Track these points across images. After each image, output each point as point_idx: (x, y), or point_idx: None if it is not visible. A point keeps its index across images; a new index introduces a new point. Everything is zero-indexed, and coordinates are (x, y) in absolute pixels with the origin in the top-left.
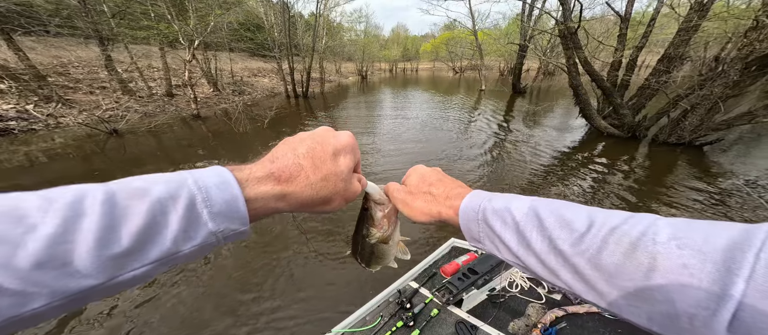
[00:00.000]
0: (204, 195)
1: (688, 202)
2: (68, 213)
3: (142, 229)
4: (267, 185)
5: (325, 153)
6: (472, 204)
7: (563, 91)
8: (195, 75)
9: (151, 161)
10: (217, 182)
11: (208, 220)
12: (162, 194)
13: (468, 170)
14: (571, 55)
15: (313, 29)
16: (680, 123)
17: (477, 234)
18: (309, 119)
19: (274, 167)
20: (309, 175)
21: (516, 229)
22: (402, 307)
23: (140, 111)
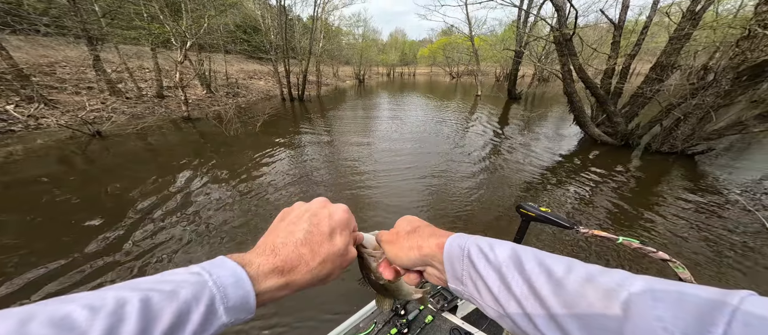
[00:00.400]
0: (222, 294)
1: (679, 212)
2: (112, 319)
3: (169, 327)
4: (272, 279)
5: (321, 235)
6: (458, 241)
7: (557, 97)
8: (187, 76)
9: (134, 166)
10: (232, 282)
11: (223, 314)
12: (188, 296)
13: (461, 178)
14: (566, 61)
15: (310, 32)
16: (672, 132)
17: (460, 274)
18: (304, 123)
19: (277, 260)
20: (308, 262)
21: (498, 271)
22: (396, 314)
23: (128, 112)
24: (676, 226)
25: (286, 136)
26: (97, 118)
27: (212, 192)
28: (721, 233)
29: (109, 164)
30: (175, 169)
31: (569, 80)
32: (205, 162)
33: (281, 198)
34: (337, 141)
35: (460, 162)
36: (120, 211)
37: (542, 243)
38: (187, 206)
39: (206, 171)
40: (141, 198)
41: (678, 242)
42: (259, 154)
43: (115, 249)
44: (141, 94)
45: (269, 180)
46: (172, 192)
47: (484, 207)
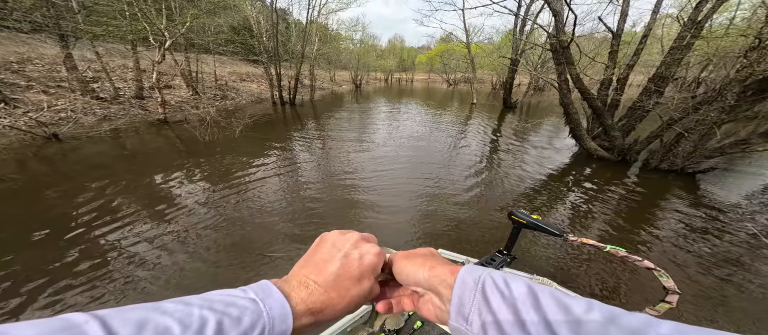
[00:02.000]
0: (270, 327)
1: (678, 234)
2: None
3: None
4: (306, 318)
5: (350, 280)
6: (472, 272)
7: (552, 108)
8: (166, 77)
9: (78, 175)
10: (280, 314)
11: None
12: (247, 325)
13: (453, 193)
14: (563, 70)
15: (303, 34)
16: (673, 148)
17: (468, 308)
18: (291, 129)
19: (309, 302)
20: (335, 306)
21: (513, 306)
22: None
23: (99, 113)
24: (675, 248)
25: (268, 142)
26: (63, 119)
27: (154, 213)
28: (722, 257)
29: (51, 170)
30: (120, 181)
31: (566, 90)
32: (165, 172)
33: (245, 223)
34: (325, 149)
35: (451, 179)
36: (40, 225)
37: (532, 253)
38: (115, 228)
39: (160, 184)
40: (67, 212)
41: (676, 265)
42: (233, 163)
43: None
44: (117, 94)
45: (237, 195)
46: (104, 207)
47: (474, 219)
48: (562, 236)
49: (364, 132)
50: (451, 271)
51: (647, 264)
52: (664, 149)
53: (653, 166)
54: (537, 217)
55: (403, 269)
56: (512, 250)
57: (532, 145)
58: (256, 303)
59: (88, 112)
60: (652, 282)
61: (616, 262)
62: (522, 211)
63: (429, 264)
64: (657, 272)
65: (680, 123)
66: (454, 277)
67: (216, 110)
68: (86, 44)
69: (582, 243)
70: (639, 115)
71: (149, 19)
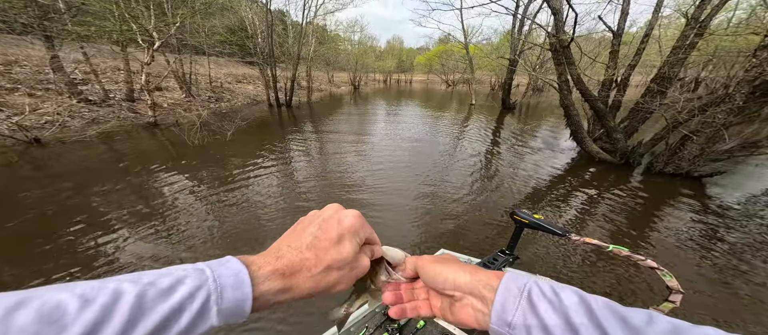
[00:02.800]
0: (218, 295)
1: (685, 240)
2: (100, 314)
3: (157, 325)
4: (272, 282)
5: (328, 241)
6: (517, 280)
7: (551, 109)
8: (158, 79)
9: (55, 181)
10: (232, 282)
11: (214, 316)
12: (184, 295)
13: (452, 197)
14: (563, 71)
15: (299, 35)
16: (678, 151)
17: (511, 314)
18: (291, 131)
19: (279, 264)
20: (311, 268)
21: (565, 316)
22: (388, 318)
23: (88, 116)
24: (681, 252)
25: (261, 145)
26: (49, 123)
27: (129, 221)
28: (732, 266)
29: (29, 175)
30: (98, 187)
31: (566, 91)
32: (148, 177)
33: (226, 234)
34: (321, 152)
35: (450, 178)
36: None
37: (535, 253)
38: (90, 241)
39: (141, 190)
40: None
41: (684, 269)
42: (222, 167)
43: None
44: (107, 96)
45: (224, 202)
46: (83, 217)
47: (473, 221)
48: (564, 235)
49: (361, 134)
50: (495, 276)
51: (650, 264)
52: (669, 152)
53: (658, 169)
54: (539, 217)
55: (441, 272)
56: (515, 250)
57: (531, 147)
58: (201, 271)
59: (75, 115)
60: (655, 282)
61: (619, 262)
62: (524, 211)
63: (470, 268)
64: (660, 271)
65: (686, 125)
66: (498, 281)
67: (209, 113)
68: (74, 45)
69: (585, 243)
70: (642, 116)
71: (136, 20)
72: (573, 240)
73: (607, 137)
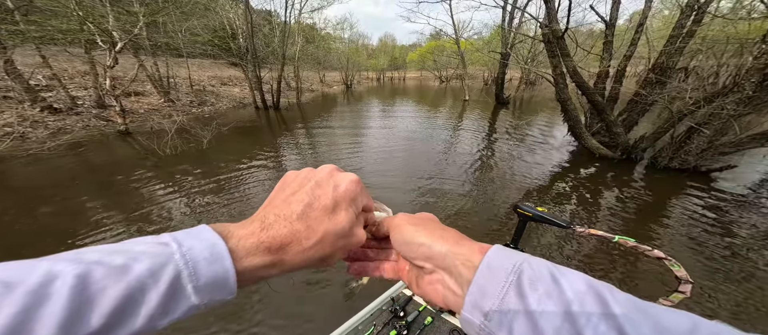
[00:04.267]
0: (190, 271)
1: (696, 241)
2: (29, 300)
3: (115, 310)
4: (258, 257)
5: (322, 209)
6: (505, 259)
7: (546, 102)
8: (135, 83)
9: (6, 199)
10: (207, 255)
11: (191, 294)
12: (142, 272)
13: (451, 194)
14: (558, 63)
15: (284, 34)
16: (684, 145)
17: (491, 302)
18: (277, 135)
19: (265, 236)
20: (302, 241)
21: (566, 309)
22: (395, 315)
23: (52, 126)
24: (694, 250)
25: (242, 154)
26: (6, 135)
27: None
28: (744, 256)
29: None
30: (46, 207)
31: (562, 85)
32: (103, 192)
33: None
34: (309, 159)
35: (446, 178)
36: None
37: (539, 246)
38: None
39: (90, 211)
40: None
41: (698, 269)
42: (193, 179)
43: None
44: (74, 103)
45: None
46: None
47: (473, 223)
48: (569, 228)
49: (353, 135)
50: (479, 250)
51: (658, 254)
52: (675, 146)
53: (662, 164)
54: (542, 210)
55: (413, 238)
56: (519, 244)
57: (528, 143)
58: (165, 246)
59: (39, 125)
60: (663, 274)
61: (626, 253)
62: (527, 204)
63: (452, 236)
64: (668, 261)
65: (691, 117)
66: (481, 256)
67: (191, 118)
68: (30, 48)
69: (590, 235)
70: (641, 108)
71: (93, 18)
72: (577, 232)
73: (607, 131)
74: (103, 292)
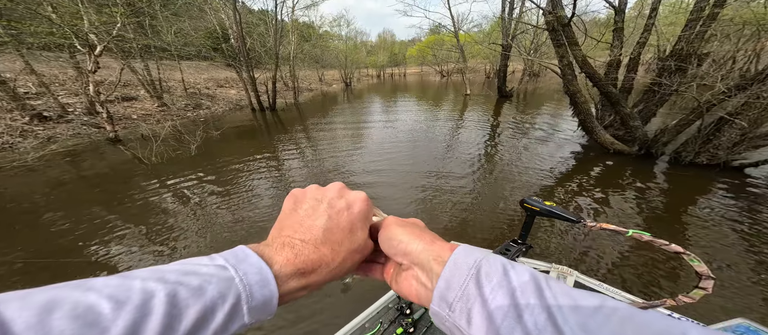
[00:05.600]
0: (247, 294)
1: (733, 249)
2: (137, 315)
3: (194, 324)
4: (294, 281)
5: (342, 232)
6: (468, 255)
7: (550, 94)
8: (123, 88)
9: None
10: (258, 280)
11: (245, 314)
12: (214, 294)
13: (455, 191)
14: (565, 53)
15: (276, 33)
16: (713, 138)
17: (454, 294)
18: (275, 138)
19: (298, 262)
20: (329, 264)
21: (511, 295)
22: (402, 313)
23: (42, 135)
24: (733, 268)
25: (231, 160)
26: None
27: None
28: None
29: None
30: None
31: (570, 76)
32: (67, 217)
33: None
34: (304, 161)
35: (451, 175)
36: None
37: (549, 241)
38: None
39: (48, 240)
40: None
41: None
42: (175, 192)
43: None
44: (65, 110)
45: (150, 256)
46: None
47: (478, 219)
48: (579, 222)
49: (353, 136)
50: (449, 248)
51: (676, 248)
52: (702, 139)
53: (687, 160)
54: (551, 204)
55: (395, 235)
56: (527, 239)
57: (532, 138)
58: (225, 269)
59: (28, 135)
60: (681, 269)
61: (641, 248)
62: (534, 198)
63: (428, 237)
64: (687, 256)
65: (720, 106)
66: (449, 253)
67: (184, 122)
68: (8, 53)
69: (601, 229)
70: (659, 98)
71: (64, 20)
72: (588, 227)
73: (622, 124)
74: (187, 309)
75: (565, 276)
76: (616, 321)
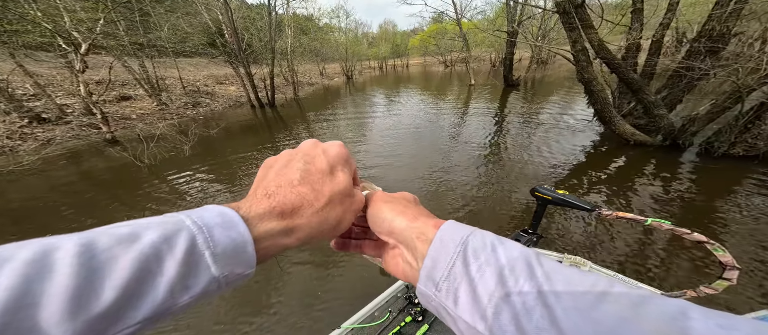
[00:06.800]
0: (206, 235)
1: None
2: (29, 271)
3: (130, 281)
4: (271, 221)
5: (320, 172)
6: (455, 232)
7: (560, 82)
8: (99, 89)
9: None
10: (219, 221)
11: (210, 264)
12: (154, 239)
13: (457, 181)
14: (578, 37)
15: (270, 28)
16: (752, 126)
17: (441, 273)
18: (272, 135)
19: (273, 202)
20: (313, 202)
21: (499, 273)
22: (410, 302)
23: (42, 138)
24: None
25: (225, 162)
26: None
27: None
28: None
29: None
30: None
31: (585, 63)
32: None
33: None
34: None
35: (455, 165)
36: None
37: (561, 231)
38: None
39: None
40: None
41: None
42: (164, 195)
43: None
44: (63, 112)
45: None
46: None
47: (485, 215)
48: (594, 210)
49: (354, 130)
50: (434, 225)
51: (698, 238)
52: (739, 129)
53: (720, 151)
54: (563, 192)
55: (379, 212)
56: (538, 229)
57: (542, 129)
58: (171, 216)
59: (28, 138)
60: (703, 258)
61: (659, 238)
62: (546, 187)
63: (412, 212)
64: (711, 245)
65: (764, 91)
66: (435, 231)
67: (183, 121)
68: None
69: (618, 218)
70: (686, 83)
71: (45, 18)
72: (604, 216)
73: (645, 113)
74: (114, 261)
75: (577, 266)
76: (610, 300)
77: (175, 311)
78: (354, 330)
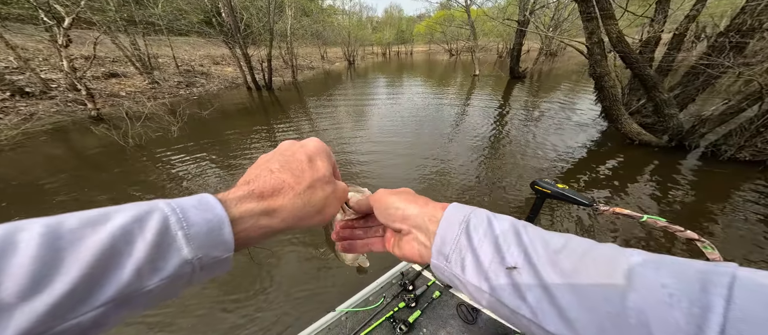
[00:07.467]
0: (179, 216)
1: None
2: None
3: (95, 261)
4: (250, 203)
5: (300, 161)
6: (458, 212)
7: (568, 75)
8: (85, 64)
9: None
10: (195, 203)
11: (183, 245)
12: (125, 221)
13: (455, 173)
14: (595, 28)
15: (268, 8)
16: (763, 131)
17: (450, 246)
18: (266, 118)
19: (253, 186)
20: (294, 186)
21: (495, 242)
22: (404, 289)
23: (24, 112)
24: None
25: (213, 144)
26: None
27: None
28: None
29: None
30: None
31: (599, 56)
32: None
33: None
34: None
35: (454, 157)
36: None
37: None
38: None
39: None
40: None
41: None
42: (146, 183)
43: None
44: (47, 86)
45: None
46: None
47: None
48: (591, 206)
49: (352, 118)
50: (441, 208)
51: (690, 235)
52: (750, 132)
53: (728, 155)
54: (563, 186)
55: (391, 203)
56: (534, 221)
57: (545, 124)
58: (151, 201)
59: (9, 111)
60: (695, 257)
61: (654, 236)
62: (546, 180)
63: (421, 200)
64: (701, 243)
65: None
66: (442, 213)
67: (174, 100)
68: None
69: (614, 214)
70: (703, 81)
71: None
72: (601, 211)
73: (654, 112)
74: (79, 241)
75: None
76: (578, 253)
77: (141, 297)
78: (349, 313)
